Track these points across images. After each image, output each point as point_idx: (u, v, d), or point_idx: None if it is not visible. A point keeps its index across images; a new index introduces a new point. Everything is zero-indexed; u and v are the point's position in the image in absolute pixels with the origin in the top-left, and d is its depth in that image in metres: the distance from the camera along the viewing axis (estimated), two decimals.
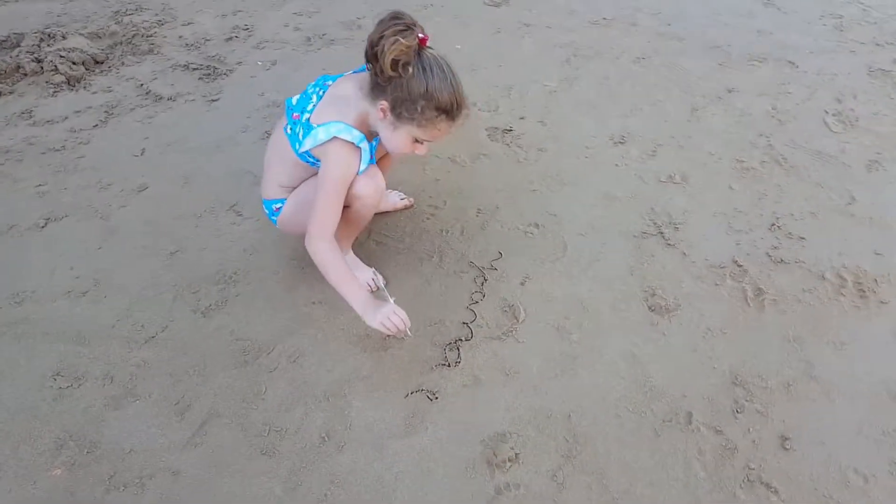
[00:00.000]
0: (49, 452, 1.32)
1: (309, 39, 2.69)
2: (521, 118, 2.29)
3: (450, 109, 1.36)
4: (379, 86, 1.38)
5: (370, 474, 1.31)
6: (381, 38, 1.30)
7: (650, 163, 2.11)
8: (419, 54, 1.34)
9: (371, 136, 1.49)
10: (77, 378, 1.46)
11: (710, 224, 1.90)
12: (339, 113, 1.42)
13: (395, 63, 1.31)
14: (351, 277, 1.45)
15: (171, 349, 1.53)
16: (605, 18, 2.89)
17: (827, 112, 2.37)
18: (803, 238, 1.87)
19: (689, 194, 2.00)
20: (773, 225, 1.91)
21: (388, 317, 1.41)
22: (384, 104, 1.38)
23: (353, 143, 1.41)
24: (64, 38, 2.50)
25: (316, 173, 1.51)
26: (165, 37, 2.69)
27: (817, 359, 1.55)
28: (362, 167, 1.47)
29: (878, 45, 2.76)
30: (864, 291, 1.72)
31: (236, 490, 1.28)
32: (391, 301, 1.44)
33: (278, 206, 1.60)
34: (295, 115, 1.49)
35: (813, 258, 1.81)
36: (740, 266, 1.77)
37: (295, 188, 1.59)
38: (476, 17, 2.88)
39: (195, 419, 1.39)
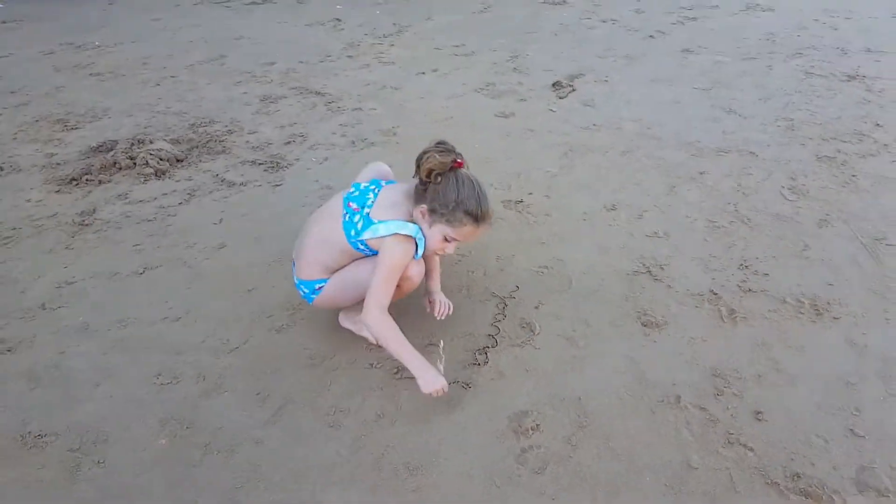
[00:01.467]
0: (155, 429, 1.63)
1: (353, 143, 3.27)
2: (530, 193, 2.77)
3: (476, 215, 1.63)
4: (420, 193, 1.67)
5: (418, 440, 1.60)
6: (425, 153, 1.63)
7: (637, 224, 2.54)
8: (454, 171, 1.64)
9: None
10: (175, 377, 1.79)
11: (689, 265, 2.28)
12: (397, 213, 1.68)
13: (430, 172, 1.62)
14: (407, 345, 1.65)
15: (251, 357, 1.87)
16: (594, 125, 3.48)
17: (783, 187, 2.84)
18: (767, 274, 2.23)
19: (671, 245, 2.40)
20: (742, 265, 2.28)
21: (443, 388, 1.63)
22: (423, 207, 1.66)
23: (410, 236, 1.66)
24: (151, 142, 3.07)
25: (358, 258, 1.77)
26: (234, 142, 3.26)
27: (782, 358, 1.87)
28: (419, 254, 1.71)
29: (824, 139, 3.29)
30: (819, 311, 2.05)
31: (309, 453, 1.57)
32: (441, 366, 1.71)
33: (320, 285, 1.79)
34: (354, 206, 1.72)
35: (775, 288, 2.16)
36: (716, 294, 2.13)
37: (335, 271, 1.79)
38: (488, 126, 3.47)
39: (273, 405, 1.70)
